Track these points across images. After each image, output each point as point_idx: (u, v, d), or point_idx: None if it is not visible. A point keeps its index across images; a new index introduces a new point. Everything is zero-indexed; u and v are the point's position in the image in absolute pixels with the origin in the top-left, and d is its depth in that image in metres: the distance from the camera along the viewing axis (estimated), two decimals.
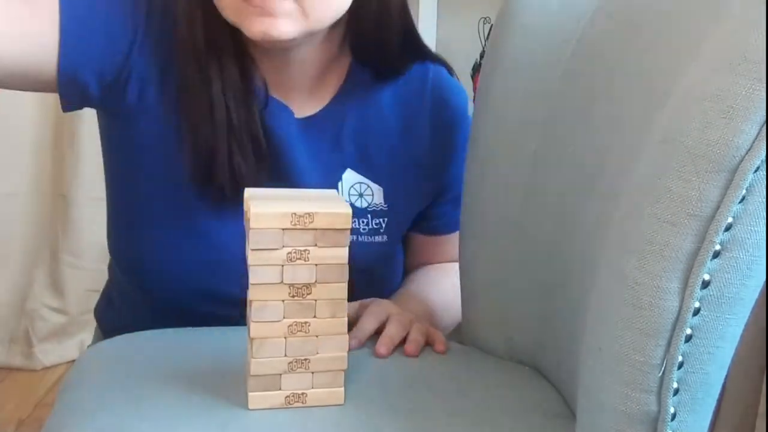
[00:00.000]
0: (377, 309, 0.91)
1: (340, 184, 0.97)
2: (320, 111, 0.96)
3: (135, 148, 0.93)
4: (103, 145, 0.98)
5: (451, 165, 1.03)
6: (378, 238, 0.99)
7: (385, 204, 0.98)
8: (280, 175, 0.93)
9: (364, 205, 0.98)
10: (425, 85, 1.00)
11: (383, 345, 0.87)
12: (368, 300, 0.93)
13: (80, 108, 0.92)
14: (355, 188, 0.97)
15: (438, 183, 1.03)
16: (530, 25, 0.90)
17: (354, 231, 0.96)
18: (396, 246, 1.03)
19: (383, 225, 0.99)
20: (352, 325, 0.87)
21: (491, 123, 0.92)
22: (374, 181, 0.98)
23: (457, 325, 1.01)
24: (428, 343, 0.91)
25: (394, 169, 0.99)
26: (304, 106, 0.96)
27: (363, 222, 0.98)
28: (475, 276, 0.94)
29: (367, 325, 0.89)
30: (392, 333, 0.88)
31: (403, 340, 0.89)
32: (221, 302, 0.93)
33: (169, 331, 0.93)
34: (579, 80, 0.84)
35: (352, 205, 0.96)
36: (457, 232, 0.98)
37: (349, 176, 0.97)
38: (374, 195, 0.98)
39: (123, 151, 0.95)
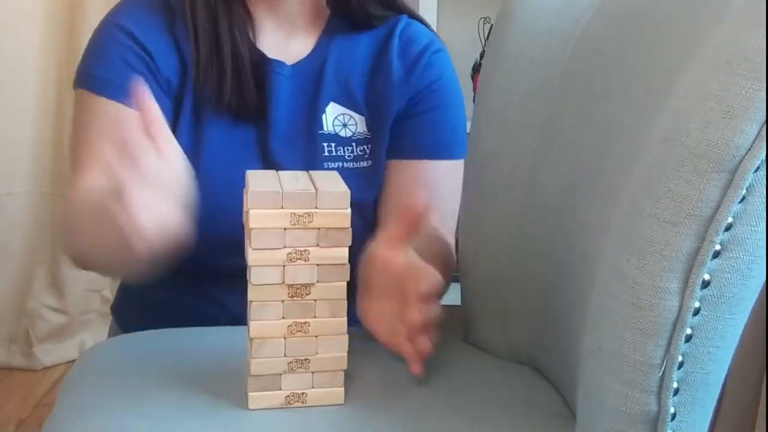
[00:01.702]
0: (435, 279, 0.77)
1: (324, 116, 1.06)
2: (308, 55, 1.08)
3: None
4: None
5: (420, 81, 1.09)
6: (363, 164, 1.07)
7: (368, 132, 1.08)
8: (269, 106, 1.04)
9: (349, 134, 1.07)
10: (395, 30, 1.11)
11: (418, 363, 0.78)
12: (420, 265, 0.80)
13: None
14: (339, 119, 1.07)
15: (406, 98, 1.09)
16: (530, 25, 0.90)
17: (339, 158, 1.06)
18: (380, 172, 1.09)
19: (367, 151, 1.07)
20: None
21: (491, 123, 0.92)
22: (356, 111, 1.08)
23: (457, 325, 1.01)
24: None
25: (373, 99, 1.08)
26: (293, 55, 1.07)
27: (348, 150, 1.06)
28: (475, 276, 0.94)
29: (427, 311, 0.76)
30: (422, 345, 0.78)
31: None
32: (226, 250, 0.92)
33: (169, 331, 0.93)
34: (579, 80, 0.84)
35: (336, 135, 1.06)
36: (440, 163, 1.07)
37: (333, 109, 1.07)
38: (357, 124, 1.07)
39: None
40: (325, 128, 1.06)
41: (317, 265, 0.72)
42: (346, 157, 1.06)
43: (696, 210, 0.57)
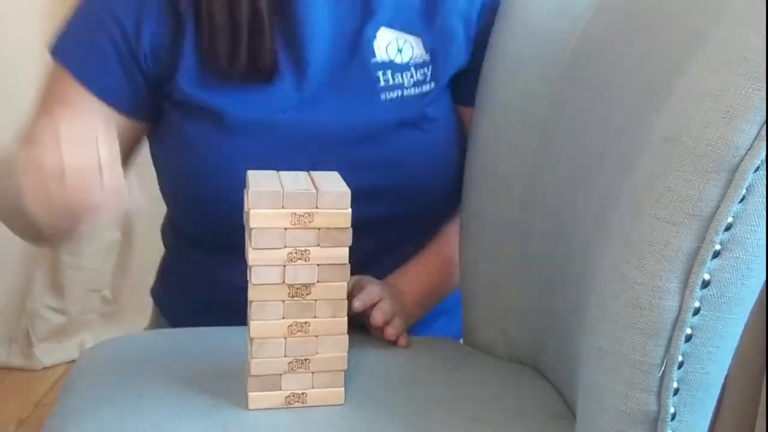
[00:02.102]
0: (377, 285, 0.92)
1: (375, 43, 0.97)
2: None
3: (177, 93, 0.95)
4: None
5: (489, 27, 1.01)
6: (425, 87, 0.99)
7: (426, 54, 0.99)
8: (308, 54, 0.95)
9: (406, 59, 0.99)
10: None
11: (380, 313, 0.88)
12: (362, 277, 0.92)
13: (158, 116, 0.98)
14: (393, 45, 0.98)
15: (478, 32, 1.01)
16: (530, 25, 0.90)
17: (398, 86, 0.98)
18: (445, 93, 1.03)
19: (428, 74, 1.00)
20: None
21: (491, 123, 0.92)
22: (411, 34, 0.99)
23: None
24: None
25: (428, 17, 1.00)
26: None
27: (407, 75, 0.99)
28: (475, 276, 0.94)
29: (371, 292, 0.90)
30: (385, 307, 0.89)
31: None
32: None
33: (170, 331, 0.93)
34: (579, 80, 0.84)
35: (392, 62, 0.98)
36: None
37: (385, 34, 0.98)
38: (414, 48, 0.99)
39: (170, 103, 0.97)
40: (377, 56, 0.97)
41: (318, 265, 0.72)
42: (405, 84, 0.98)
43: (696, 210, 0.57)
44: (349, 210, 0.72)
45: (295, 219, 0.70)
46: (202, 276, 1.05)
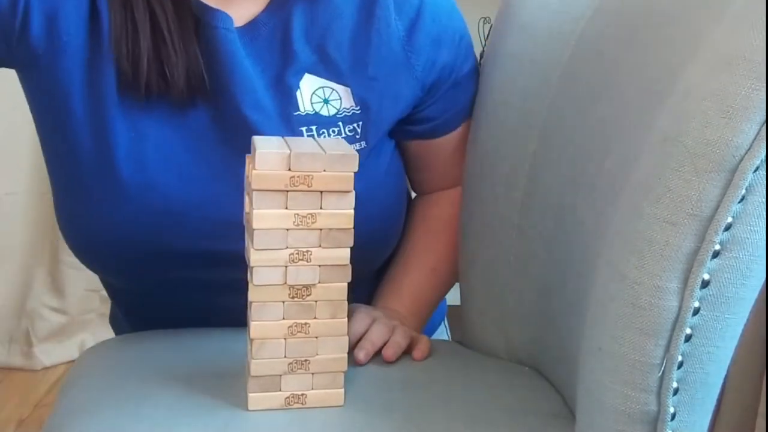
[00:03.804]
0: (363, 313, 0.89)
1: (299, 93, 0.85)
2: (260, 15, 0.86)
3: (58, 92, 0.84)
4: (31, 110, 0.90)
5: (440, 54, 0.90)
6: (355, 146, 0.87)
7: (356, 106, 0.87)
8: (225, 91, 0.84)
9: (333, 112, 0.86)
10: None
11: (363, 351, 0.84)
12: (353, 305, 0.88)
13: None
14: (318, 94, 0.86)
15: (425, 78, 0.90)
16: (529, 25, 0.90)
17: None
18: (380, 155, 0.91)
19: (358, 130, 0.87)
20: None
21: (491, 123, 0.92)
22: (339, 83, 0.87)
23: (458, 325, 1.01)
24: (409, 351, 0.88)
25: (361, 65, 0.87)
26: (241, 15, 0.85)
27: (334, 132, 0.86)
28: (475, 276, 0.94)
29: (356, 327, 0.87)
30: (374, 337, 0.86)
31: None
32: (188, 263, 0.86)
33: (169, 331, 0.93)
34: (579, 80, 0.84)
35: (317, 114, 0.86)
36: (459, 129, 0.96)
37: (309, 81, 0.86)
38: (342, 98, 0.87)
39: (48, 101, 0.86)
40: (301, 108, 0.85)
41: (319, 266, 0.72)
42: None
43: (696, 210, 0.57)
44: (352, 211, 0.72)
45: (298, 219, 0.70)
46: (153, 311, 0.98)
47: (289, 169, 0.69)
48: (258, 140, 0.72)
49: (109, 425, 0.73)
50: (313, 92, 0.86)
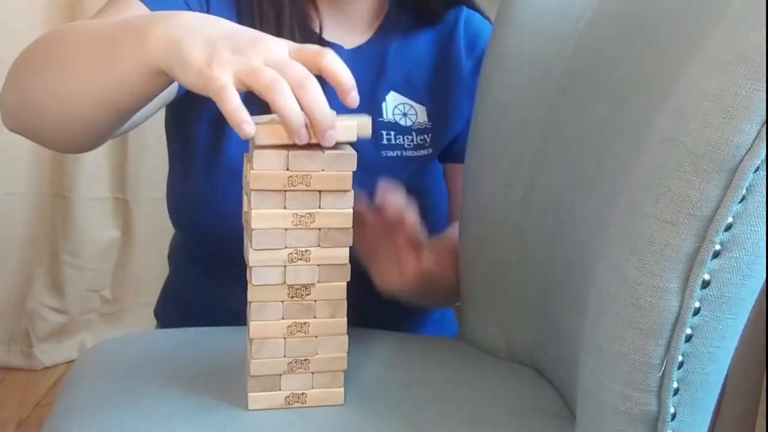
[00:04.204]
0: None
1: (384, 104, 1.04)
2: (366, 43, 1.05)
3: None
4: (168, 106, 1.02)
5: None
6: (423, 152, 1.06)
7: (428, 122, 1.07)
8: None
9: (409, 123, 1.05)
10: (459, 21, 1.10)
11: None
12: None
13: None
14: (399, 108, 1.05)
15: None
16: (529, 25, 0.90)
17: (399, 147, 1.04)
18: (437, 163, 1.10)
19: (428, 140, 1.06)
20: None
21: (491, 123, 0.92)
22: (417, 102, 1.06)
23: (456, 325, 1.01)
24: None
25: (435, 89, 1.07)
26: (352, 42, 1.05)
27: (408, 138, 1.05)
28: (475, 276, 0.94)
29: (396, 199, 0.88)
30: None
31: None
32: None
33: (169, 331, 0.93)
34: (578, 80, 0.84)
35: (396, 123, 1.04)
36: None
37: (393, 98, 1.05)
38: (417, 114, 1.06)
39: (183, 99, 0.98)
40: (384, 116, 1.04)
41: (318, 265, 0.72)
42: (406, 145, 1.05)
43: (696, 210, 0.57)
44: (351, 210, 0.72)
45: (297, 219, 0.70)
46: (204, 299, 1.06)
47: (288, 169, 0.69)
48: (258, 118, 0.71)
49: (109, 425, 0.73)
50: (395, 106, 1.05)
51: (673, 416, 0.60)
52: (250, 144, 0.73)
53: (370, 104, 1.03)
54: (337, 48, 1.01)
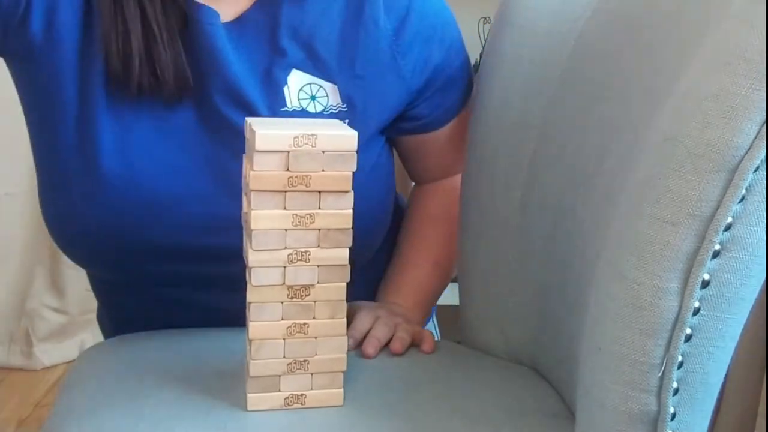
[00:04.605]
0: (366, 311, 0.91)
1: (286, 89, 0.86)
2: (248, 11, 0.86)
3: (50, 85, 0.85)
4: (22, 102, 0.91)
5: (430, 54, 0.91)
6: None
7: (343, 104, 0.88)
8: (208, 87, 0.84)
9: (319, 108, 0.87)
10: None
11: (370, 345, 0.86)
12: (357, 302, 0.92)
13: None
14: (305, 90, 0.86)
15: (414, 80, 0.91)
16: (528, 25, 0.89)
17: None
18: (366, 151, 0.88)
19: None
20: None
21: (490, 123, 0.92)
22: (326, 80, 0.87)
23: (457, 325, 1.01)
24: (416, 344, 0.90)
25: (348, 62, 0.87)
26: (230, 10, 0.86)
27: None
28: (474, 276, 0.94)
29: (360, 324, 0.89)
30: (379, 334, 0.88)
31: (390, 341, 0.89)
32: (170, 256, 0.86)
33: (169, 331, 0.92)
34: (578, 80, 0.84)
35: (304, 111, 0.86)
36: (453, 121, 0.97)
37: (296, 78, 0.86)
38: (329, 95, 0.87)
39: (39, 94, 0.87)
40: (288, 104, 0.86)
41: (318, 266, 0.72)
42: None
43: (696, 210, 0.56)
44: (351, 211, 0.72)
45: (296, 220, 0.70)
46: (137, 309, 0.98)
47: (288, 170, 0.69)
48: (253, 122, 0.71)
49: (108, 425, 0.73)
50: (301, 88, 0.86)
51: (673, 416, 0.60)
52: (247, 145, 0.73)
53: (268, 89, 0.85)
54: (211, 15, 0.83)
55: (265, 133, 0.68)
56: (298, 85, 0.86)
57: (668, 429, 0.61)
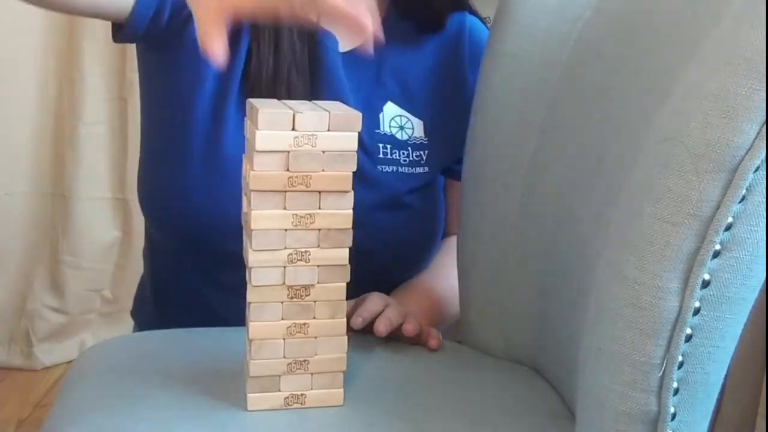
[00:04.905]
0: (378, 296, 0.93)
1: (381, 115, 1.00)
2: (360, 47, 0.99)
3: (195, 74, 0.95)
4: (150, 81, 1.01)
5: None
6: (419, 169, 1.02)
7: (425, 137, 1.02)
8: (320, 87, 0.97)
9: (405, 137, 1.01)
10: (463, 32, 1.05)
11: (382, 324, 0.87)
12: (366, 294, 0.94)
13: (133, 40, 0.96)
14: (396, 120, 1.01)
15: None
16: (528, 25, 0.90)
17: (395, 162, 1.00)
18: (437, 178, 1.06)
19: (423, 157, 1.02)
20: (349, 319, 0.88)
21: (490, 123, 0.92)
22: (414, 115, 1.02)
23: (456, 325, 1.01)
24: (423, 339, 0.91)
25: (435, 105, 1.03)
26: (345, 43, 0.99)
27: (404, 153, 1.01)
28: (474, 276, 0.94)
29: (371, 305, 0.90)
30: (390, 315, 0.89)
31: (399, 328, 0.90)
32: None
33: (169, 331, 0.93)
34: (578, 80, 0.84)
35: (393, 137, 1.00)
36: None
37: (390, 109, 1.01)
38: (414, 128, 1.02)
39: (182, 78, 0.97)
40: (381, 128, 1.00)
41: (318, 266, 0.72)
42: (401, 161, 1.01)
43: (696, 210, 0.56)
44: (351, 211, 0.72)
45: (296, 220, 0.70)
46: (180, 297, 1.04)
47: (288, 170, 0.69)
48: (255, 103, 0.71)
49: (108, 425, 0.73)
50: (392, 118, 1.01)
51: (673, 416, 0.60)
52: (247, 145, 0.73)
53: (367, 112, 0.98)
54: (332, 44, 0.98)
55: (265, 133, 0.68)
56: (390, 114, 1.01)
57: (668, 429, 0.61)
